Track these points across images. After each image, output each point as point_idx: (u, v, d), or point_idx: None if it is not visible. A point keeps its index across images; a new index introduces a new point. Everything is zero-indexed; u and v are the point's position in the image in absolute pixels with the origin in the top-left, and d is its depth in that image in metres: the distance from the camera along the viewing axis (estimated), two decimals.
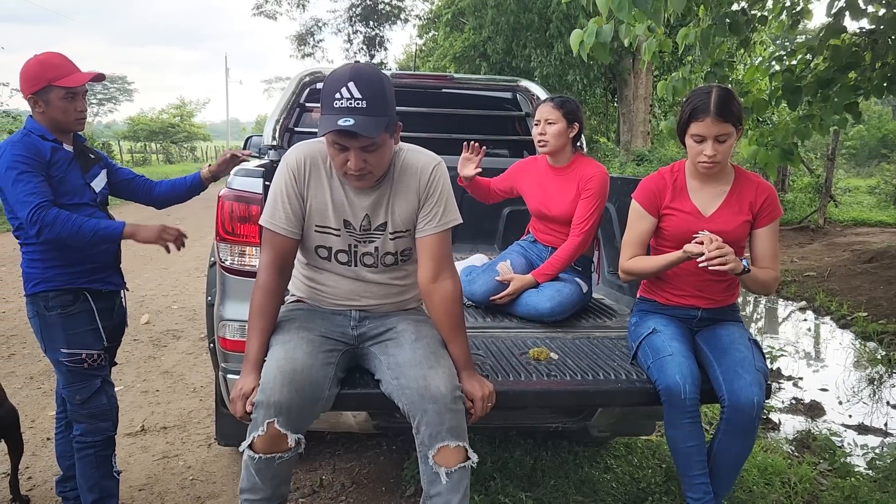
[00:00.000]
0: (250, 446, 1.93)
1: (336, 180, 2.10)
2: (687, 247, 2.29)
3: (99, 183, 2.62)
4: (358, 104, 1.87)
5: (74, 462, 2.67)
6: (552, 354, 2.50)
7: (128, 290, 2.77)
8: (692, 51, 5.09)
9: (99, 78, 2.49)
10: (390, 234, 2.14)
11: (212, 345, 2.72)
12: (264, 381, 1.93)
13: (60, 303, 2.44)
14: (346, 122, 1.85)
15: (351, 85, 1.88)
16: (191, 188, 2.88)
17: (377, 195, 2.11)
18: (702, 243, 2.24)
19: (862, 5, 4.85)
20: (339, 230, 2.12)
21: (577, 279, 3.03)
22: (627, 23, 4.06)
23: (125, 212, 8.35)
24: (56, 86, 2.36)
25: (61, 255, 2.42)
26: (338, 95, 1.88)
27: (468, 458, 1.99)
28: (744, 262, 2.26)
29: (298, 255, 2.22)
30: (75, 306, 2.46)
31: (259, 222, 2.12)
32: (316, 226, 2.12)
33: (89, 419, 2.52)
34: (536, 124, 3.09)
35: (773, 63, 5.67)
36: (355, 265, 2.17)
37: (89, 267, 2.50)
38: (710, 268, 2.21)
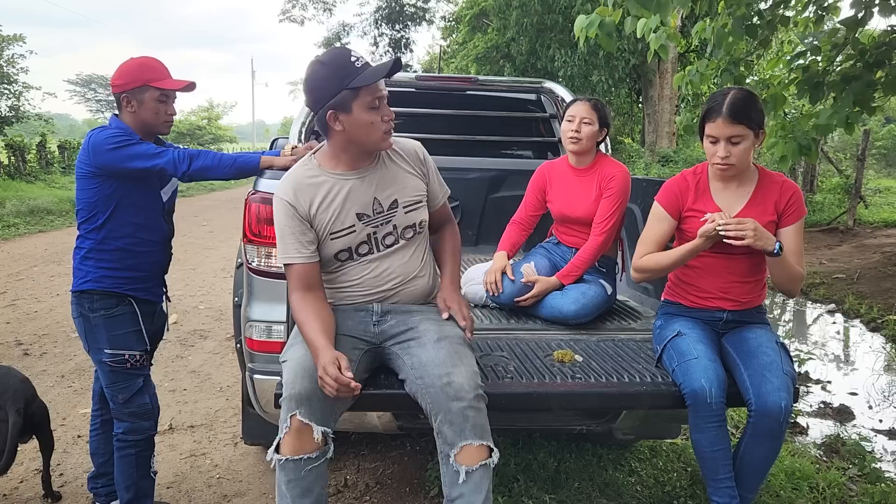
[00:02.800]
0: (277, 449, 1.94)
1: (336, 183, 2.18)
2: (701, 230, 2.28)
3: (168, 190, 2.68)
4: (368, 61, 2.09)
5: (108, 459, 2.72)
6: (576, 356, 2.49)
7: (170, 301, 2.82)
8: (708, 46, 5.03)
9: (190, 87, 2.56)
10: (404, 207, 2.23)
11: (238, 345, 2.75)
12: (285, 378, 1.97)
13: (104, 305, 2.49)
14: (363, 60, 2.07)
15: (354, 52, 2.10)
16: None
17: (375, 177, 2.21)
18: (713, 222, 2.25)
19: (893, 2, 4.77)
20: (354, 225, 2.18)
21: (602, 281, 3.01)
22: (634, 15, 4.05)
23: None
24: (152, 86, 2.45)
25: (114, 257, 2.49)
26: (352, 58, 2.06)
27: (490, 457, 1.98)
28: (777, 245, 2.24)
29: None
30: (118, 308, 2.51)
31: (278, 261, 2.20)
32: (331, 234, 2.17)
33: (131, 418, 2.57)
34: (570, 120, 3.05)
35: (800, 60, 5.57)
36: (379, 249, 2.23)
37: (137, 276, 2.55)
38: (725, 239, 2.21)
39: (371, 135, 2.11)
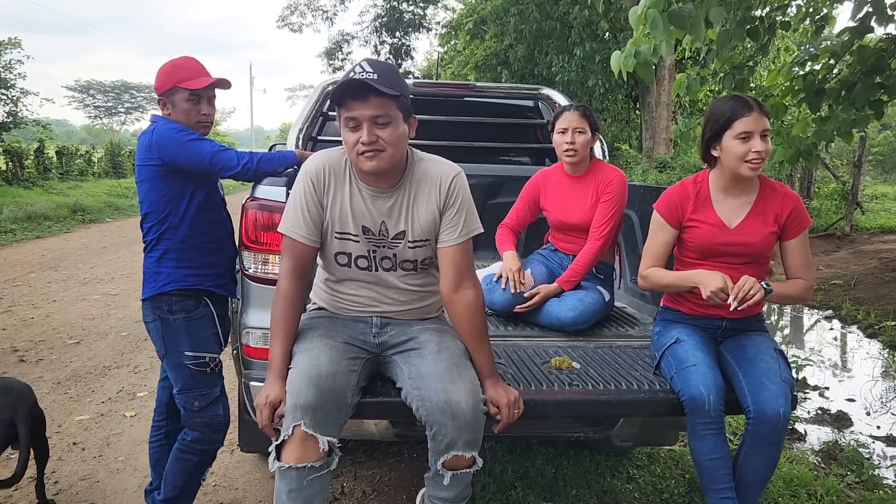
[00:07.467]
0: (279, 457, 1.90)
1: (355, 186, 2.13)
2: (707, 296, 2.26)
3: (220, 186, 2.68)
4: (370, 75, 1.93)
5: (166, 472, 2.62)
6: (574, 364, 2.49)
7: (238, 299, 2.79)
8: (704, 51, 5.02)
9: (224, 84, 2.53)
10: (409, 242, 2.15)
11: (235, 352, 2.74)
12: (290, 388, 1.93)
13: (184, 307, 2.46)
14: (358, 75, 1.92)
15: (364, 63, 1.98)
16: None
17: (394, 201, 2.13)
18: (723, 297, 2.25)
19: (889, 11, 4.79)
20: (358, 236, 2.14)
21: (600, 287, 3.01)
22: (663, 40, 3.94)
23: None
24: (181, 87, 2.42)
25: (194, 255, 2.47)
26: (352, 74, 1.95)
27: (475, 463, 2.05)
28: (762, 284, 2.23)
29: (318, 262, 2.25)
30: (198, 311, 2.49)
31: (278, 230, 2.14)
32: (336, 232, 2.14)
33: (204, 428, 2.52)
34: (562, 132, 3.06)
35: (797, 68, 5.59)
36: (375, 269, 2.18)
37: (214, 272, 2.53)
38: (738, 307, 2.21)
39: (350, 155, 2.05)
